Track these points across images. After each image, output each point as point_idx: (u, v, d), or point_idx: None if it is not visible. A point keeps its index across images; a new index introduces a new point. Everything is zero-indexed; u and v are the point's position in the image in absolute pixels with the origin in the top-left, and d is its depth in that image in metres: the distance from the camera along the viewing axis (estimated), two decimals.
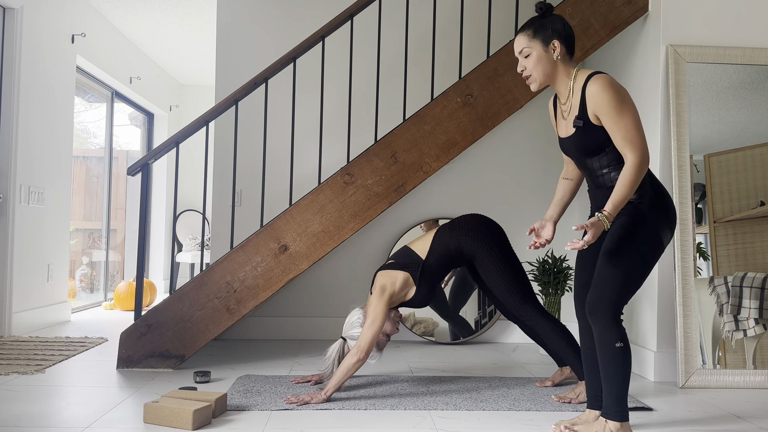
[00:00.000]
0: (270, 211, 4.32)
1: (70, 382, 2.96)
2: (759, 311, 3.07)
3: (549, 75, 2.27)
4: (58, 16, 4.74)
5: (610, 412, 2.16)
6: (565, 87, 2.28)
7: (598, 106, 2.14)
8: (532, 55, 2.25)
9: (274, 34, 4.35)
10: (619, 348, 2.13)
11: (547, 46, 2.24)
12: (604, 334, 2.14)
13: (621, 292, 2.14)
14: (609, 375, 2.14)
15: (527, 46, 2.26)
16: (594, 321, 2.16)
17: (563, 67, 2.26)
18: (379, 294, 2.77)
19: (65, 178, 4.89)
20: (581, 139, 2.22)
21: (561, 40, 2.24)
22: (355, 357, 2.70)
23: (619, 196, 2.09)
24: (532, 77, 2.28)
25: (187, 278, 7.59)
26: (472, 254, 2.86)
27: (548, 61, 2.25)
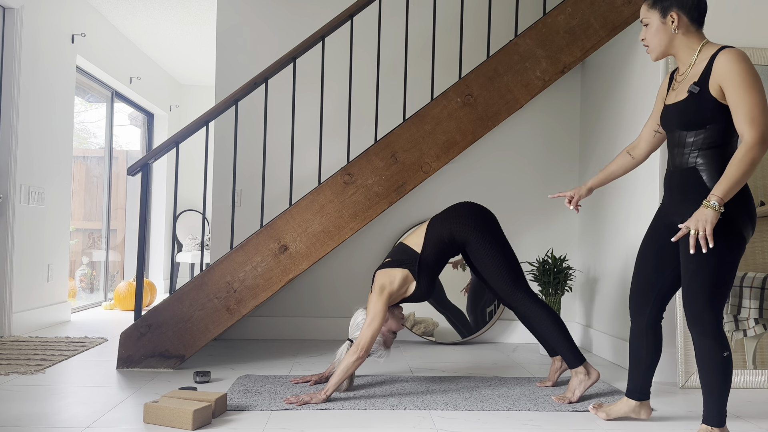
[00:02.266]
0: (270, 211, 4.32)
1: (70, 382, 2.96)
2: (759, 311, 3.07)
3: (667, 46, 2.21)
4: (58, 16, 4.74)
5: (713, 420, 2.14)
6: (689, 58, 2.20)
7: (728, 77, 2.04)
8: (651, 25, 2.21)
9: (274, 34, 4.35)
10: (726, 358, 2.09)
11: (665, 17, 2.18)
12: (711, 345, 2.10)
13: (717, 299, 2.08)
14: (714, 385, 2.11)
15: (645, 16, 2.23)
16: (700, 333, 2.10)
17: (685, 39, 2.19)
18: (378, 293, 2.78)
19: (65, 178, 4.89)
20: (689, 107, 2.13)
21: (683, 11, 2.16)
22: (355, 355, 2.70)
23: (731, 178, 1.99)
24: (651, 47, 2.24)
25: (187, 278, 7.59)
26: (463, 240, 2.86)
27: (665, 32, 2.19)
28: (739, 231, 2.07)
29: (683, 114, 2.15)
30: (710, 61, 2.12)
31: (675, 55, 2.23)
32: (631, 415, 2.46)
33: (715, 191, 2.00)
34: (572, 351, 2.79)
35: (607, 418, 2.47)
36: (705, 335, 2.10)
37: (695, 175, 2.13)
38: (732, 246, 2.07)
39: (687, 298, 2.12)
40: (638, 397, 2.45)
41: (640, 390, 2.44)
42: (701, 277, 2.07)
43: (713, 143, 2.11)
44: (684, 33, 2.19)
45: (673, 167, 2.23)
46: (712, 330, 2.09)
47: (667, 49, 2.22)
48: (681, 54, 2.22)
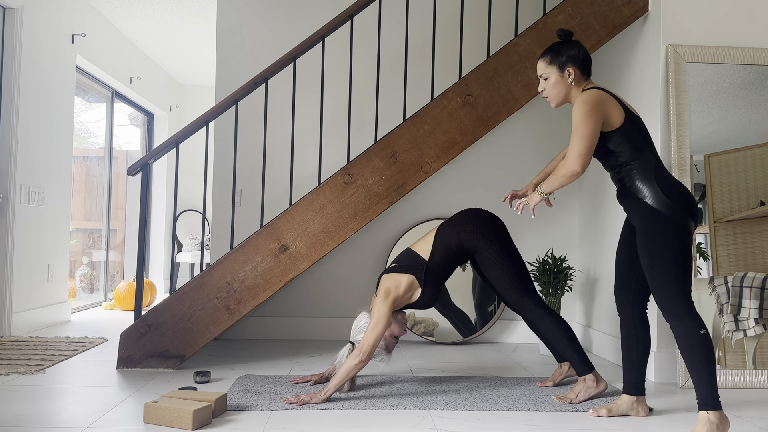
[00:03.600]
0: (270, 211, 4.32)
1: (70, 382, 2.96)
2: (759, 311, 3.07)
3: (564, 96, 2.55)
4: (58, 16, 4.74)
5: (708, 402, 2.23)
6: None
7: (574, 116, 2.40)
8: (550, 78, 2.54)
9: (274, 34, 4.35)
10: (704, 335, 2.25)
11: (562, 72, 2.52)
12: (688, 325, 2.25)
13: (679, 281, 2.28)
14: (700, 367, 2.24)
15: (545, 71, 2.55)
16: (671, 317, 2.28)
17: (577, 88, 2.53)
18: (384, 297, 2.77)
19: (65, 178, 4.89)
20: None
21: (576, 66, 2.51)
22: (357, 358, 2.69)
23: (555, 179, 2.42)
24: (550, 97, 2.57)
25: (187, 278, 7.59)
26: (472, 248, 2.86)
27: (563, 84, 2.53)
28: (678, 223, 2.31)
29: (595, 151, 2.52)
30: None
31: (571, 101, 2.56)
32: (630, 412, 2.53)
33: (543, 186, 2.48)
34: (581, 359, 2.79)
35: (608, 415, 2.52)
36: (679, 318, 2.27)
37: (625, 190, 2.45)
38: (674, 236, 2.30)
39: (654, 290, 2.34)
40: (634, 392, 2.54)
41: (635, 384, 2.54)
42: (657, 270, 2.30)
43: (623, 163, 2.42)
44: (576, 84, 2.53)
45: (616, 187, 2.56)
46: (684, 311, 2.27)
47: (565, 97, 2.56)
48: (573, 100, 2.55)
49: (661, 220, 2.31)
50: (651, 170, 2.38)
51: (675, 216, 2.31)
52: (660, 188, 2.34)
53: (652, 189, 2.35)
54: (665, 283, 2.29)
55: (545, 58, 2.55)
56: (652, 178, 2.37)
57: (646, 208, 2.36)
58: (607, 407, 2.54)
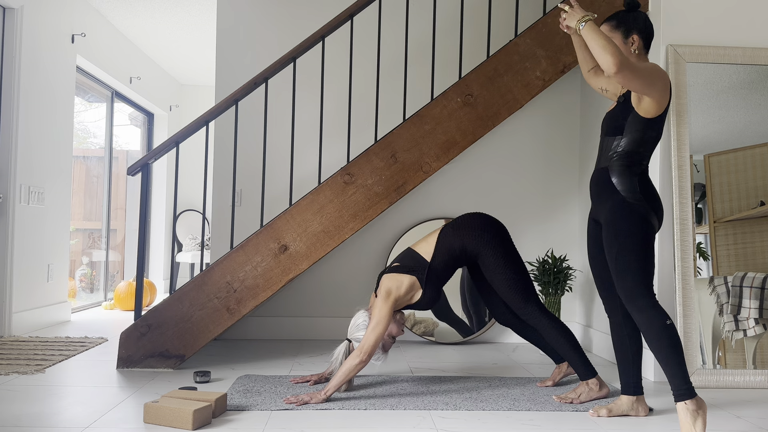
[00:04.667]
0: (270, 211, 4.32)
1: (70, 382, 2.96)
2: (759, 311, 3.07)
3: None
4: (58, 16, 4.74)
5: (682, 392, 2.23)
6: None
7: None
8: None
9: (274, 34, 4.35)
10: (670, 325, 2.25)
11: (626, 39, 2.40)
12: (652, 317, 2.25)
13: (642, 272, 2.28)
14: (668, 356, 2.24)
15: (609, 35, 2.39)
16: (635, 309, 2.29)
17: (637, 60, 2.40)
18: (384, 297, 2.77)
19: (65, 178, 4.89)
20: (615, 113, 2.43)
21: (640, 35, 2.39)
22: (358, 359, 2.69)
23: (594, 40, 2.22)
24: None
25: (187, 278, 7.59)
26: (476, 253, 2.86)
27: (626, 52, 2.39)
28: (642, 216, 2.32)
29: (610, 120, 2.45)
30: None
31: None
32: (630, 413, 2.53)
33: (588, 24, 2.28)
34: (584, 363, 2.79)
35: (609, 415, 2.52)
36: (642, 310, 2.27)
37: (605, 174, 2.42)
38: (639, 228, 2.31)
39: (617, 281, 2.34)
40: (633, 391, 2.53)
41: (633, 384, 2.53)
42: (623, 259, 2.30)
43: (626, 148, 2.38)
44: (638, 55, 2.41)
45: (598, 166, 2.49)
46: (647, 303, 2.27)
47: None
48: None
49: (629, 212, 2.32)
50: (639, 171, 2.38)
51: (643, 211, 2.33)
52: (639, 189, 2.35)
53: (632, 187, 2.35)
54: (629, 274, 2.29)
55: (611, 22, 2.42)
56: (636, 177, 2.37)
57: (619, 201, 2.35)
58: (607, 407, 2.54)
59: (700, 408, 2.22)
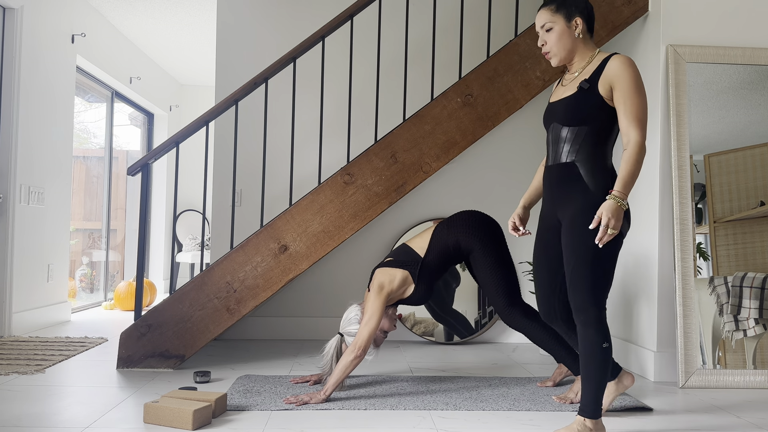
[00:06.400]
0: (270, 211, 4.32)
1: (70, 382, 2.96)
2: (759, 311, 3.07)
3: (569, 51, 2.28)
4: (58, 16, 4.74)
5: (588, 410, 2.16)
6: (581, 63, 2.29)
7: (620, 77, 2.15)
8: (554, 29, 2.27)
9: (274, 34, 4.35)
10: (606, 348, 2.14)
11: (569, 22, 2.26)
12: (593, 335, 2.14)
13: (600, 289, 2.14)
14: (591, 376, 2.15)
15: (550, 20, 2.27)
16: (583, 323, 2.15)
17: (583, 45, 2.28)
18: (377, 292, 2.77)
19: (65, 178, 4.89)
20: (577, 101, 2.21)
21: (583, 17, 2.26)
22: (352, 354, 2.70)
23: (628, 174, 2.09)
24: (552, 52, 2.29)
25: (187, 278, 7.59)
26: (469, 249, 2.86)
27: (569, 36, 2.26)
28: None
29: (569, 108, 2.22)
30: (602, 63, 2.22)
31: (571, 60, 2.30)
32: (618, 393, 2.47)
33: (617, 187, 2.09)
34: (576, 361, 2.78)
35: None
36: (587, 325, 2.14)
37: (573, 169, 2.21)
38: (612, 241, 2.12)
39: (571, 291, 2.18)
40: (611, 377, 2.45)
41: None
42: (582, 271, 2.13)
43: (593, 140, 2.19)
44: (583, 39, 2.28)
45: (552, 162, 2.29)
46: (594, 321, 2.14)
47: (569, 53, 2.28)
48: (577, 58, 2.30)
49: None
50: (609, 166, 2.22)
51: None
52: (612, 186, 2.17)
53: (605, 184, 2.17)
54: (588, 285, 2.13)
55: (550, 7, 2.27)
56: (608, 172, 2.19)
57: (592, 201, 2.15)
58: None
59: (597, 430, 2.16)
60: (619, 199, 2.06)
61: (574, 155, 2.21)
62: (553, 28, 2.26)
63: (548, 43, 2.28)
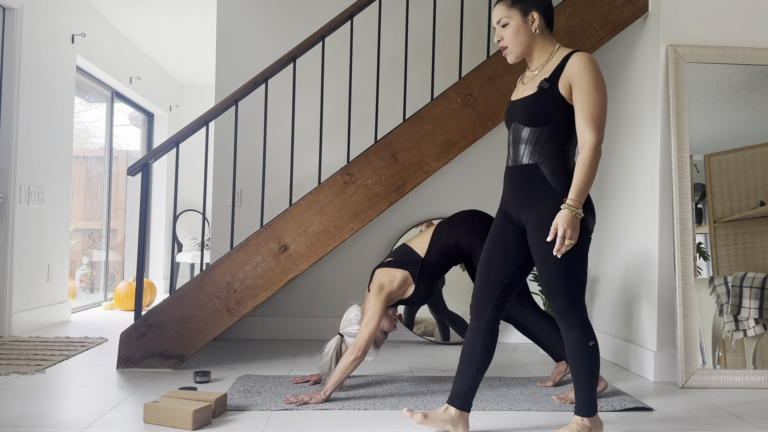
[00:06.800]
0: (270, 211, 4.32)
1: (70, 382, 2.96)
2: (759, 311, 3.07)
3: (526, 47, 2.21)
4: (58, 16, 4.74)
5: (584, 409, 2.16)
6: (542, 59, 2.23)
7: (579, 75, 2.09)
8: (510, 25, 2.20)
9: (274, 34, 4.35)
10: (592, 346, 2.15)
11: (525, 17, 2.19)
12: (578, 336, 2.14)
13: (577, 290, 2.13)
14: (584, 375, 2.15)
15: (506, 15, 2.20)
16: (567, 325, 2.15)
17: (541, 40, 2.22)
18: (377, 292, 2.77)
19: (65, 178, 4.89)
20: (537, 101, 2.15)
21: (540, 12, 2.19)
22: (352, 355, 2.69)
23: (582, 179, 2.06)
24: (509, 48, 2.22)
25: (187, 278, 7.59)
26: (470, 250, 2.86)
27: (526, 32, 2.19)
28: (583, 224, 2.12)
29: (530, 108, 2.17)
30: (563, 61, 2.16)
31: (531, 56, 2.24)
32: (448, 427, 2.24)
33: (570, 195, 2.06)
34: None
35: (422, 422, 2.24)
36: (571, 327, 2.14)
37: (536, 171, 2.16)
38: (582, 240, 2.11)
39: (550, 297, 2.16)
40: (460, 405, 2.24)
41: (463, 397, 2.25)
42: (557, 277, 2.11)
43: (554, 141, 2.14)
44: (541, 34, 2.21)
45: (513, 163, 2.24)
46: (577, 322, 2.14)
47: (526, 49, 2.22)
48: (536, 55, 2.24)
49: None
50: (572, 165, 2.16)
51: (585, 217, 2.11)
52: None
53: (568, 185, 2.11)
54: (567, 290, 2.11)
55: (506, 1, 2.20)
56: (571, 174, 2.14)
57: (558, 204, 2.11)
58: (424, 413, 2.25)
59: (595, 427, 2.16)
60: (574, 208, 2.04)
61: (537, 156, 2.16)
62: (509, 24, 2.20)
63: (504, 38, 2.22)
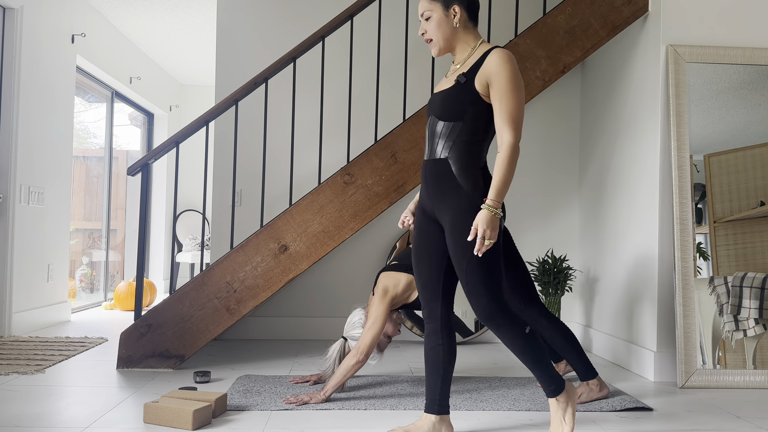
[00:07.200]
0: (270, 211, 4.32)
1: (70, 382, 2.96)
2: (759, 311, 3.07)
3: (449, 40, 2.21)
4: (58, 16, 4.74)
5: (553, 388, 2.12)
6: (463, 54, 2.22)
7: (497, 74, 2.08)
8: (432, 18, 2.20)
9: (273, 34, 4.35)
10: (529, 333, 2.11)
11: (447, 11, 2.18)
12: (510, 331, 2.10)
13: (496, 288, 2.09)
14: (533, 361, 2.11)
15: (428, 8, 2.21)
16: (495, 325, 2.10)
17: (464, 34, 2.21)
18: (381, 296, 2.76)
19: (65, 178, 4.89)
20: (453, 95, 2.15)
21: (462, 6, 2.18)
22: (355, 358, 2.69)
23: (501, 179, 2.05)
24: (433, 42, 2.22)
25: (187, 278, 7.59)
26: None
27: (447, 25, 2.19)
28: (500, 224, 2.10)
29: (445, 102, 2.16)
30: (482, 57, 2.14)
31: (454, 49, 2.23)
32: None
33: (489, 196, 2.05)
34: (585, 364, 2.77)
35: None
36: (500, 326, 2.10)
37: (446, 166, 2.14)
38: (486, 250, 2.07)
39: (470, 297, 2.12)
40: (437, 410, 2.22)
41: (439, 401, 2.22)
42: (475, 272, 2.08)
43: (467, 137, 2.13)
44: (463, 28, 2.20)
45: (428, 157, 2.22)
46: (505, 320, 2.09)
47: (449, 43, 2.21)
48: (459, 49, 2.23)
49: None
50: (481, 164, 2.14)
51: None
52: (485, 185, 2.12)
53: (476, 183, 2.11)
54: (484, 291, 2.08)
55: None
56: (479, 171, 2.13)
57: (465, 201, 2.10)
58: (405, 428, 2.21)
59: (569, 398, 2.14)
60: (493, 209, 2.03)
61: (447, 151, 2.14)
62: (432, 17, 2.20)
63: (428, 32, 2.21)
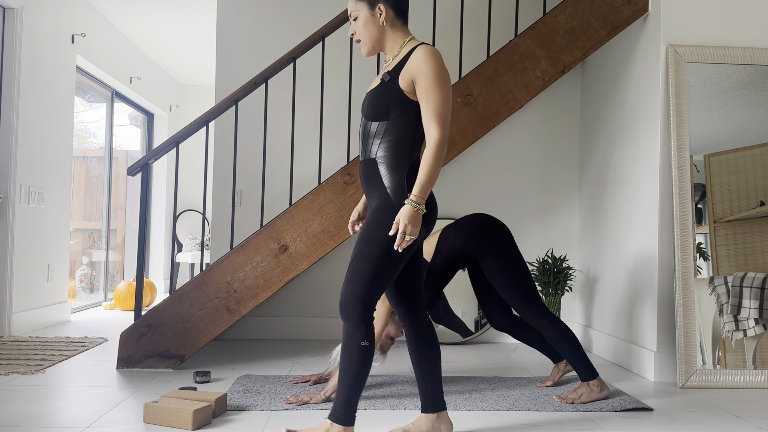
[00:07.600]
0: (270, 211, 4.32)
1: (70, 382, 2.96)
2: (759, 311, 3.07)
3: (377, 40, 2.19)
4: (58, 16, 4.74)
5: (338, 414, 2.05)
6: (393, 52, 2.21)
7: (421, 71, 2.06)
8: (359, 17, 2.19)
9: (274, 34, 4.35)
10: (365, 347, 2.03)
11: (373, 10, 2.17)
12: (354, 332, 2.03)
13: (371, 289, 2.03)
14: (348, 374, 2.04)
15: (354, 8, 2.19)
16: (346, 318, 2.05)
17: (392, 33, 2.20)
18: (383, 297, 2.76)
19: (65, 178, 4.89)
20: (378, 94, 2.14)
21: (387, 4, 2.17)
22: None
23: (425, 176, 2.01)
24: (362, 41, 2.21)
25: (187, 278, 7.59)
26: (477, 255, 2.83)
27: (374, 25, 2.17)
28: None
29: (372, 102, 2.16)
30: (408, 54, 2.13)
31: (383, 49, 2.23)
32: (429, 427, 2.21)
33: (414, 191, 2.01)
34: (585, 365, 2.77)
35: None
36: (351, 321, 2.03)
37: (374, 166, 2.14)
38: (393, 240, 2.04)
39: (344, 284, 2.07)
40: (434, 409, 2.21)
41: (433, 400, 2.22)
42: (359, 266, 2.04)
43: (394, 136, 2.11)
44: (391, 26, 2.18)
45: (361, 158, 2.21)
46: (357, 318, 2.03)
47: (377, 42, 2.20)
48: (388, 47, 2.22)
49: (391, 214, 2.06)
50: (408, 164, 2.12)
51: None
52: (407, 186, 2.09)
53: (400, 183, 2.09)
54: (356, 282, 2.02)
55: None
56: (405, 170, 2.10)
57: (384, 200, 2.09)
58: (404, 428, 2.21)
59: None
60: (416, 204, 1.99)
61: (377, 151, 2.13)
62: (359, 17, 2.18)
63: (357, 32, 2.20)
